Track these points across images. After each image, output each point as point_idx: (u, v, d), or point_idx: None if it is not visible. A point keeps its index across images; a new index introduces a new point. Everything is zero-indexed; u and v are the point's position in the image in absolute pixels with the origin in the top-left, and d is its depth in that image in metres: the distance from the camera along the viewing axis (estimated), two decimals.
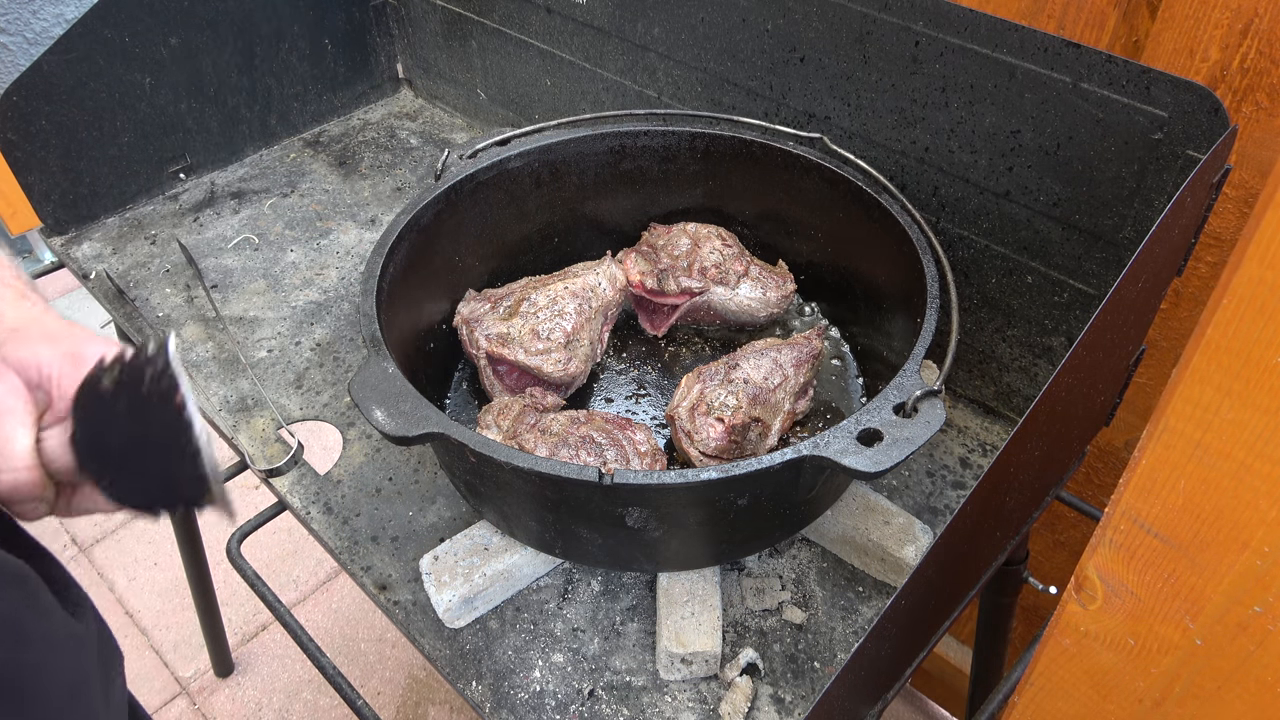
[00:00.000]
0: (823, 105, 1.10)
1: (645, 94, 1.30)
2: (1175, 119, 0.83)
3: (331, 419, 1.11)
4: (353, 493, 1.03)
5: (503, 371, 1.03)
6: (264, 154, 1.58)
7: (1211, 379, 0.43)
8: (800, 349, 1.00)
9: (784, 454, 0.75)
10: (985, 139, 0.97)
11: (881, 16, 0.98)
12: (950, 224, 1.06)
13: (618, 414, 1.01)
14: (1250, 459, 0.44)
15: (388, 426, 0.77)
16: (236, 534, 1.01)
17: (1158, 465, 0.48)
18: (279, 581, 2.16)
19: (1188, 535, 0.49)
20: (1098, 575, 0.55)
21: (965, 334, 1.11)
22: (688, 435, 0.93)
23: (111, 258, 1.35)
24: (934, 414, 0.76)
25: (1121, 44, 1.00)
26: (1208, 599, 0.50)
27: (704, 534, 0.87)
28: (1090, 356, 0.74)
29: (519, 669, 0.88)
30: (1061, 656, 0.61)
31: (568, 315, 1.03)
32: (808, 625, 0.91)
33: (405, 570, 0.95)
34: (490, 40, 1.48)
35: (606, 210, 1.19)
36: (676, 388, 0.98)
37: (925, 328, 0.86)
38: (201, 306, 1.27)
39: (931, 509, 1.01)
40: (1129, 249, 0.92)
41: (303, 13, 1.51)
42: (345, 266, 1.34)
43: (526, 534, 0.90)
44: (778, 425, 0.98)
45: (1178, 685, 0.56)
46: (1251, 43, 0.90)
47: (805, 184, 1.09)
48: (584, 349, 1.03)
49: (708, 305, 1.11)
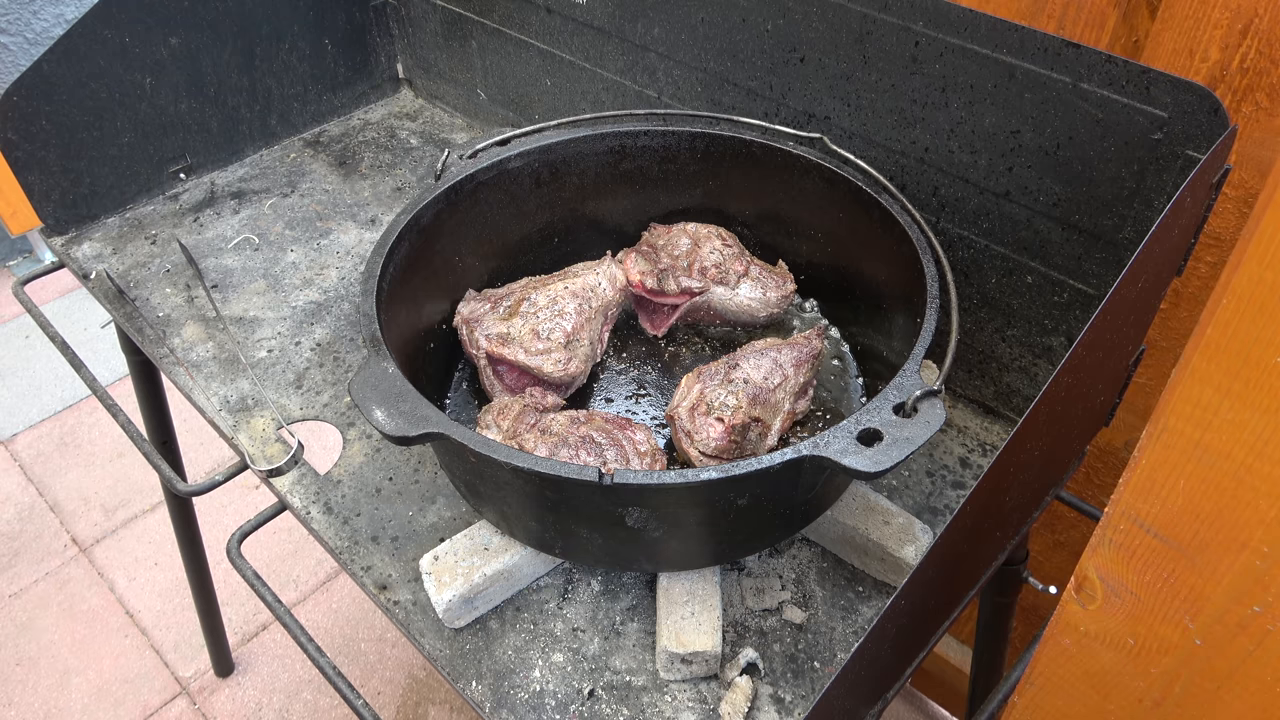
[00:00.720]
0: (823, 105, 1.10)
1: (645, 94, 1.30)
2: (1175, 119, 0.83)
3: (331, 419, 1.11)
4: (353, 493, 1.03)
5: (502, 371, 1.03)
6: (264, 154, 1.58)
7: (1211, 379, 0.43)
8: (800, 349, 1.00)
9: (784, 454, 0.75)
10: (985, 139, 0.97)
11: (881, 16, 0.98)
12: (950, 224, 1.06)
13: (618, 414, 1.01)
14: (1250, 459, 0.44)
15: (388, 427, 0.77)
16: (237, 534, 1.01)
17: (1157, 465, 0.48)
18: (279, 581, 2.16)
19: (1187, 535, 0.49)
20: (1097, 575, 0.55)
21: (965, 334, 1.11)
22: (688, 435, 0.93)
23: (112, 258, 1.35)
24: (934, 414, 0.76)
25: (1121, 44, 1.00)
26: (1207, 599, 0.50)
27: (704, 534, 0.87)
28: (1090, 356, 0.74)
29: (519, 669, 0.88)
30: (1061, 656, 0.61)
31: (568, 315, 1.02)
32: (808, 625, 0.91)
33: (405, 570, 0.95)
34: (490, 40, 1.48)
35: (606, 210, 1.19)
36: (676, 388, 0.98)
37: (925, 327, 0.86)
38: (202, 306, 1.27)
39: (931, 509, 1.01)
40: (1129, 249, 0.92)
41: (303, 13, 1.51)
42: (345, 266, 1.34)
43: (526, 534, 0.90)
44: (777, 425, 0.98)
45: (1177, 685, 0.56)
46: (1251, 43, 0.90)
47: (805, 184, 1.09)
48: (584, 349, 1.03)
49: (708, 305, 1.11)
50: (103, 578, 2.18)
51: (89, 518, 2.31)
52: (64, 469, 2.41)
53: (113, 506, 2.33)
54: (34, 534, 2.27)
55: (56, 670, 1.99)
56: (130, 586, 2.16)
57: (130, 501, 2.34)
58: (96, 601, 2.13)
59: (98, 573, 2.18)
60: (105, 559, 2.21)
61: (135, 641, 2.05)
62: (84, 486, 2.38)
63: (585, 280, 1.07)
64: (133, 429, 1.13)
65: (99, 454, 2.45)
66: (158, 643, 2.05)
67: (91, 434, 2.50)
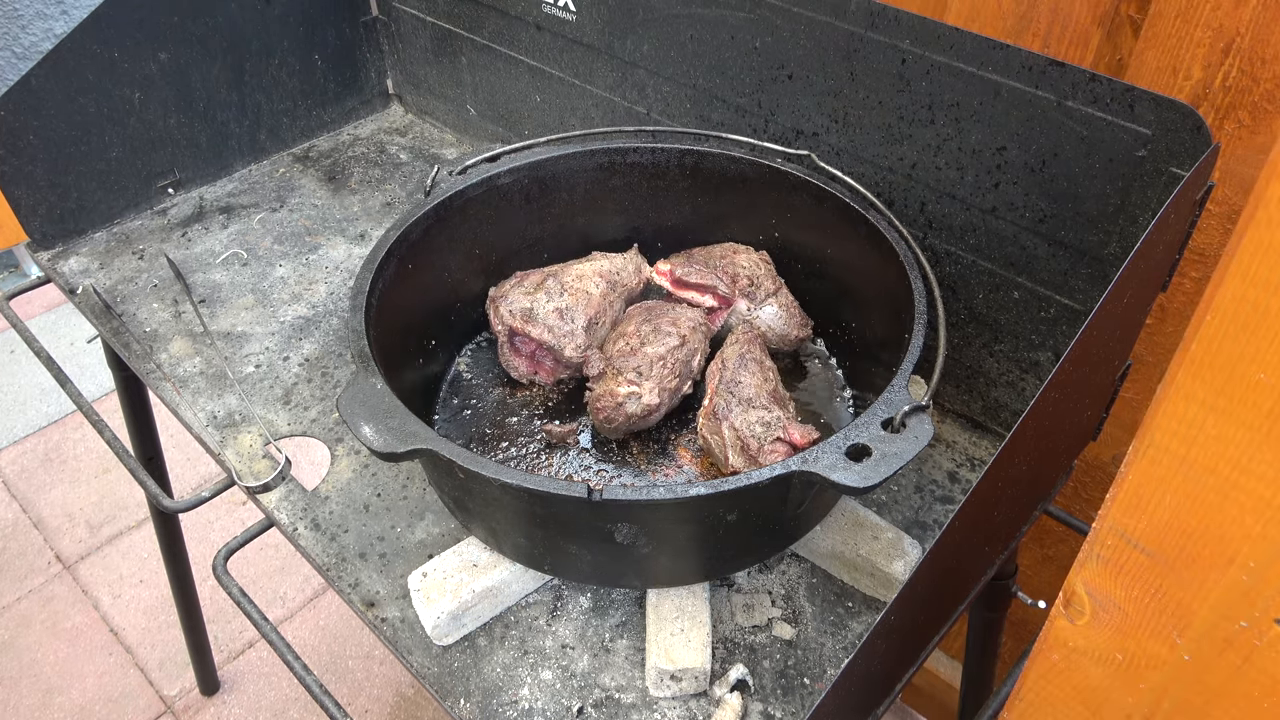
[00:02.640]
0: (811, 122, 1.10)
1: (634, 110, 1.30)
2: (1159, 137, 0.83)
3: (319, 435, 1.11)
4: (340, 509, 1.02)
5: (520, 344, 1.07)
6: (253, 169, 1.58)
7: (1196, 395, 0.43)
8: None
9: (773, 469, 0.75)
10: (971, 156, 0.98)
11: (869, 35, 0.99)
12: (937, 240, 1.06)
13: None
14: (1235, 474, 0.44)
15: (376, 443, 0.77)
16: (223, 551, 1.00)
17: (1144, 480, 0.48)
18: (265, 598, 2.15)
19: (1174, 550, 0.49)
20: (1085, 590, 0.55)
21: (953, 349, 1.12)
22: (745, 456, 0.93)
23: (99, 272, 1.35)
24: (922, 429, 0.76)
25: (1105, 63, 1.01)
26: (1195, 614, 0.50)
27: (693, 549, 0.87)
28: (1077, 371, 0.75)
29: (507, 686, 0.87)
30: (1050, 672, 0.61)
31: (592, 295, 1.07)
32: (797, 641, 0.90)
33: (393, 587, 0.94)
34: (480, 56, 1.49)
35: (596, 226, 1.20)
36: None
37: (913, 343, 0.86)
38: (189, 322, 1.26)
39: (920, 524, 1.01)
40: (1114, 265, 0.93)
41: (293, 29, 1.51)
42: (334, 282, 1.34)
43: (515, 550, 0.90)
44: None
45: (1166, 700, 0.56)
46: (1233, 61, 0.92)
47: (793, 200, 1.10)
48: (603, 331, 1.08)
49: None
50: (87, 595, 2.15)
51: (73, 534, 2.28)
52: (49, 485, 2.39)
53: (98, 523, 2.31)
54: (17, 550, 2.24)
55: (39, 689, 1.97)
56: (115, 604, 2.13)
57: (115, 518, 2.32)
58: (80, 619, 2.10)
59: (82, 590, 2.16)
60: (90, 576, 2.19)
61: (120, 660, 2.03)
62: (69, 503, 2.35)
63: (613, 262, 1.12)
64: (118, 445, 1.12)
65: (84, 470, 2.43)
66: (142, 661, 2.03)
67: (77, 450, 2.48)
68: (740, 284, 1.10)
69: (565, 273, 1.09)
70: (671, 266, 1.13)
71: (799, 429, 0.92)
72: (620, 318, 1.12)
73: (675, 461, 1.02)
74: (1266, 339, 0.39)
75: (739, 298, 1.10)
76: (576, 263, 1.12)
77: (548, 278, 1.08)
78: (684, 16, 1.15)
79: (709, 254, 1.13)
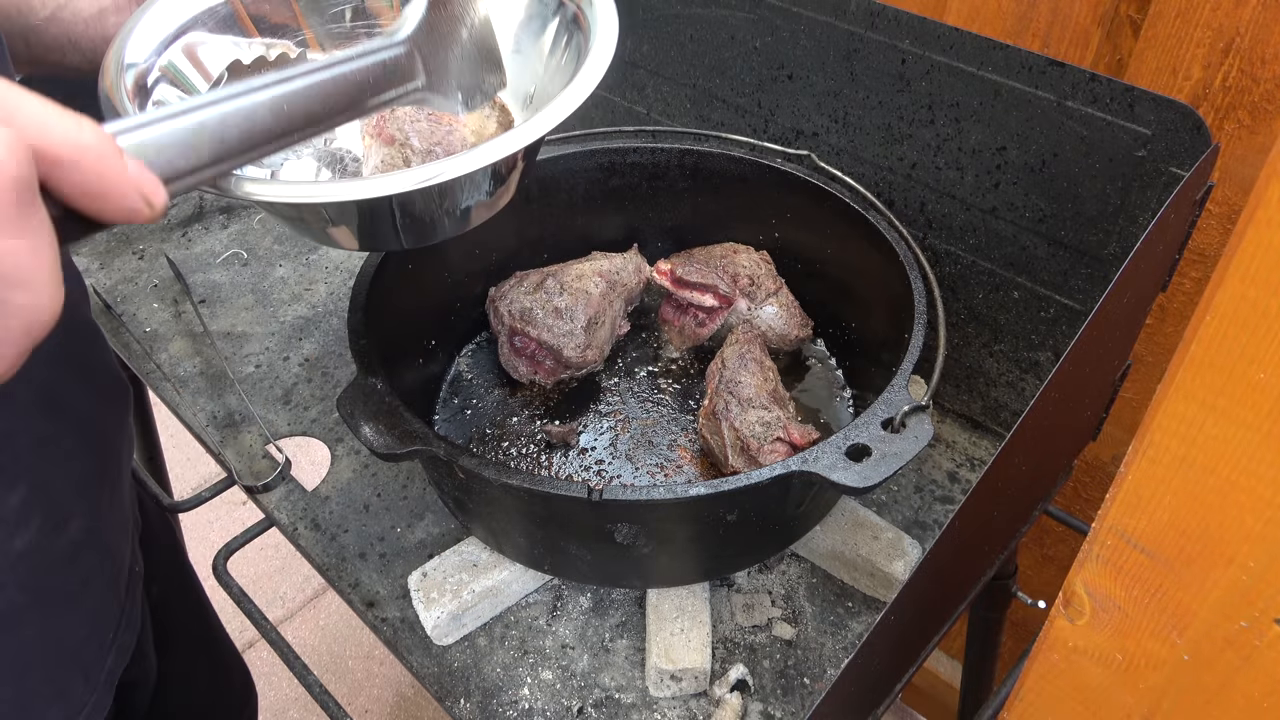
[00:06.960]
0: (810, 122, 1.11)
1: (634, 110, 1.30)
2: (1158, 137, 0.84)
3: (319, 435, 1.11)
4: (340, 509, 1.02)
5: (520, 344, 1.07)
6: None
7: (1196, 395, 0.43)
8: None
9: (773, 469, 0.75)
10: (971, 156, 0.98)
11: (869, 35, 0.99)
12: (937, 240, 1.06)
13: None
14: (1235, 474, 0.44)
15: (376, 443, 0.77)
16: (223, 550, 1.00)
17: (1143, 480, 0.48)
18: (265, 598, 2.15)
19: (1173, 550, 0.49)
20: (1085, 590, 0.55)
21: (952, 349, 1.12)
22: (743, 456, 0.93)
23: (99, 273, 1.35)
24: (922, 429, 0.76)
25: (1105, 63, 1.01)
26: (1194, 614, 0.50)
27: (693, 550, 0.87)
28: (1077, 371, 0.75)
29: (507, 686, 0.87)
30: (1050, 672, 0.61)
31: (592, 294, 1.06)
32: (797, 641, 0.91)
33: (393, 587, 0.94)
34: None
35: (596, 226, 1.20)
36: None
37: (912, 343, 0.86)
38: (189, 322, 1.26)
39: (920, 524, 1.01)
40: (1114, 265, 0.93)
41: None
42: (334, 282, 1.34)
43: (515, 550, 0.90)
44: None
45: (1166, 701, 0.56)
46: (1233, 61, 0.92)
47: (793, 200, 1.10)
48: (604, 331, 1.08)
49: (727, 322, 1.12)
50: None
51: None
52: None
53: None
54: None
55: None
56: None
57: None
58: None
59: None
60: None
61: None
62: None
63: (613, 262, 1.12)
64: None
65: None
66: None
67: None
68: (741, 283, 1.10)
69: (565, 273, 1.09)
70: (671, 266, 1.13)
71: (799, 429, 0.92)
72: (620, 317, 1.12)
73: (675, 461, 1.02)
74: (1266, 339, 0.39)
75: (739, 297, 1.10)
76: (576, 263, 1.12)
77: (548, 278, 1.08)
78: (684, 16, 1.15)
79: (709, 254, 1.13)
